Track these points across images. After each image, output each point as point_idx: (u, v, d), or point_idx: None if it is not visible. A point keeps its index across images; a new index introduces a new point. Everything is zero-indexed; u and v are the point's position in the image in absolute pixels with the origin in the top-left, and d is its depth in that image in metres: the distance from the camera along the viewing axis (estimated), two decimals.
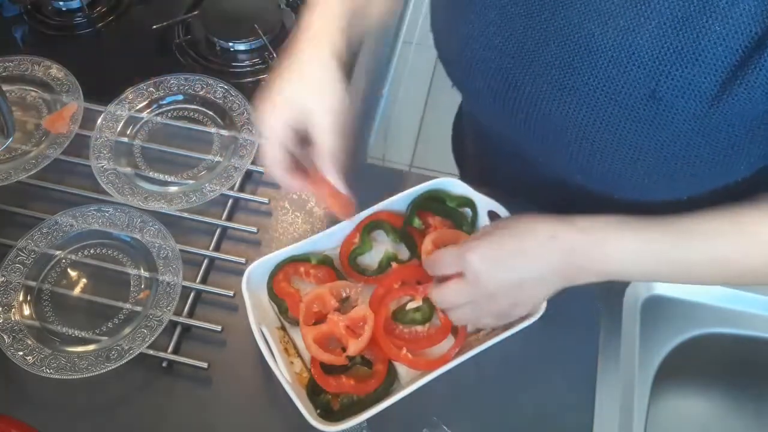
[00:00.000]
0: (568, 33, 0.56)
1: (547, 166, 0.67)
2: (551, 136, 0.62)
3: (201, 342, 0.77)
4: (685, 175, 0.58)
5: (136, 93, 0.92)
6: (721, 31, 0.49)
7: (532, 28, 0.58)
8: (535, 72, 0.60)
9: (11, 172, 0.85)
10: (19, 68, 0.94)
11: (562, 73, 0.58)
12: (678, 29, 0.51)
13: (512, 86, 0.62)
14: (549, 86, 0.59)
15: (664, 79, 0.53)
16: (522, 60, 0.60)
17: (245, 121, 0.89)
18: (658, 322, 0.80)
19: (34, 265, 0.79)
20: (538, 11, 0.58)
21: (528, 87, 0.61)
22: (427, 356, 0.71)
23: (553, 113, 0.60)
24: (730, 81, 0.51)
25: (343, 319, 0.71)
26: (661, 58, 0.52)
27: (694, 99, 0.52)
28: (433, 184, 0.79)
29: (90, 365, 0.72)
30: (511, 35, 0.60)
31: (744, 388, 0.89)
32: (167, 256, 0.79)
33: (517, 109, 0.63)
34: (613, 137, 0.57)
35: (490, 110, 0.66)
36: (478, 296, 0.61)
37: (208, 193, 0.84)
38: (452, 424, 0.72)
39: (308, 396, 0.69)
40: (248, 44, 1.00)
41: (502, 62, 0.62)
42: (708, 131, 0.54)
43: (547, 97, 0.60)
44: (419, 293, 0.73)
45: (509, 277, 0.60)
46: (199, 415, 0.73)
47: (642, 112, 0.55)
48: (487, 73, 0.63)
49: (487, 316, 0.64)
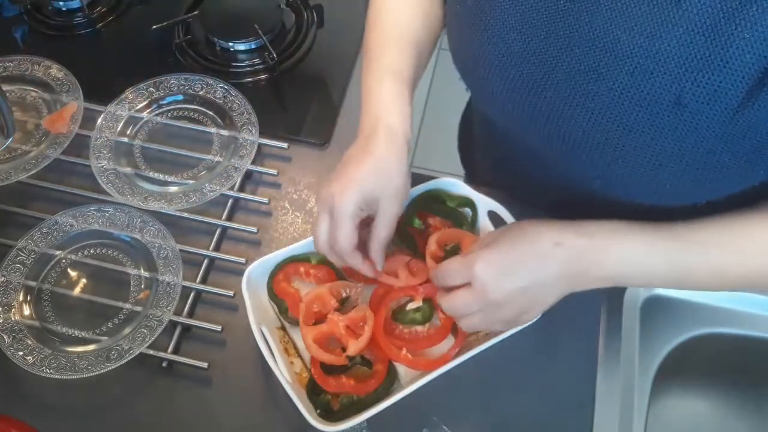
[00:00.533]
0: (594, 38, 0.56)
1: (562, 170, 0.67)
2: (572, 141, 0.61)
3: (201, 342, 0.77)
4: (706, 181, 0.58)
5: (136, 93, 0.92)
6: (750, 38, 0.49)
7: (554, 33, 0.58)
8: (558, 77, 0.59)
9: (11, 172, 0.85)
10: (19, 68, 0.94)
11: (586, 78, 0.57)
12: (706, 35, 0.50)
13: (533, 91, 0.62)
14: (572, 91, 0.59)
15: (690, 86, 0.52)
16: (544, 65, 0.60)
17: (245, 121, 0.89)
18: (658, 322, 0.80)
19: (34, 265, 0.79)
20: (561, 16, 0.57)
21: (550, 92, 0.60)
22: (427, 356, 0.71)
23: (575, 118, 0.60)
24: (756, 88, 0.50)
25: (343, 319, 0.71)
26: (688, 64, 0.52)
27: (719, 106, 0.52)
28: (433, 184, 0.79)
29: (90, 365, 0.72)
30: (532, 40, 0.60)
31: (744, 388, 0.89)
32: (167, 256, 0.79)
33: (537, 113, 0.63)
34: (636, 143, 0.57)
35: (509, 114, 0.66)
36: (487, 305, 0.61)
37: (208, 193, 0.84)
38: (452, 424, 0.72)
39: (308, 396, 0.69)
40: (248, 44, 1.00)
41: (522, 68, 0.61)
42: (732, 138, 0.54)
43: (569, 102, 0.59)
44: (419, 293, 0.73)
45: (516, 285, 0.60)
46: (199, 415, 0.73)
47: (666, 118, 0.54)
48: (507, 78, 0.63)
49: (497, 323, 0.64)
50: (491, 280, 0.59)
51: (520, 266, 0.60)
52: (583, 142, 0.61)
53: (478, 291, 0.60)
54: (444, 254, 0.75)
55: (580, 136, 0.60)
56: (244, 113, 0.90)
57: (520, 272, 0.60)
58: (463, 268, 0.61)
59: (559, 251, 0.59)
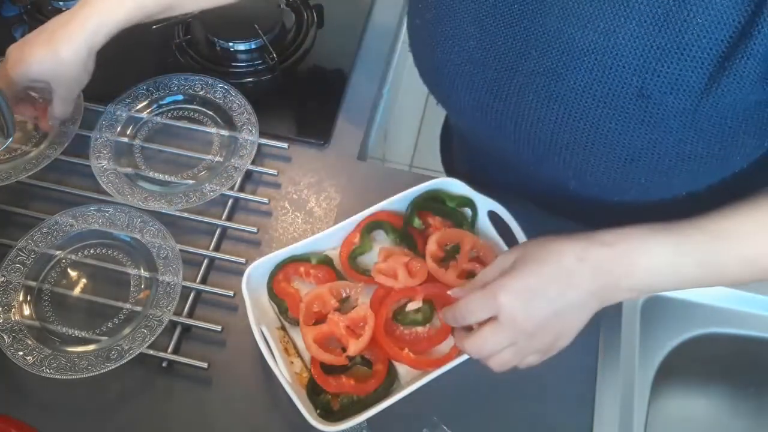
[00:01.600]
0: (549, 40, 0.56)
1: (538, 173, 0.66)
2: (542, 144, 0.61)
3: (201, 342, 0.77)
4: (681, 172, 0.58)
5: (136, 93, 0.92)
6: (704, 24, 0.49)
7: (512, 38, 0.58)
8: (520, 82, 0.59)
9: (11, 172, 0.85)
10: None
11: (546, 80, 0.57)
12: (660, 26, 0.50)
13: (498, 98, 0.61)
14: (535, 95, 0.59)
15: (651, 77, 0.52)
16: (505, 71, 0.60)
17: (245, 121, 0.89)
18: (658, 322, 0.80)
19: (34, 265, 0.79)
20: (516, 21, 0.57)
21: (514, 98, 0.60)
22: (428, 356, 0.71)
23: (542, 121, 0.59)
24: (717, 73, 0.50)
25: (343, 319, 0.71)
26: (646, 55, 0.52)
27: (683, 94, 0.52)
28: (433, 184, 0.79)
29: (90, 365, 0.72)
30: (491, 47, 0.59)
31: (744, 388, 0.89)
32: (167, 256, 0.79)
33: (504, 120, 0.62)
34: (606, 140, 0.57)
35: (478, 122, 0.65)
36: (518, 337, 0.57)
37: (208, 193, 0.84)
38: (452, 424, 0.72)
39: (308, 396, 0.69)
40: (248, 44, 1.00)
41: (485, 75, 0.61)
42: (700, 125, 0.54)
43: (534, 105, 0.59)
44: (419, 294, 0.73)
45: (547, 310, 0.56)
46: (199, 415, 0.73)
47: (632, 111, 0.54)
48: (471, 88, 0.62)
49: (531, 356, 0.60)
50: (520, 310, 0.56)
51: (548, 289, 0.56)
52: (552, 144, 0.60)
53: (507, 324, 0.56)
54: (444, 254, 0.75)
55: (548, 138, 0.60)
56: (244, 113, 0.90)
57: (550, 296, 0.56)
58: (486, 301, 0.57)
59: (586, 267, 0.56)
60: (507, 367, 0.60)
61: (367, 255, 0.78)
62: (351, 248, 0.77)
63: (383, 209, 0.78)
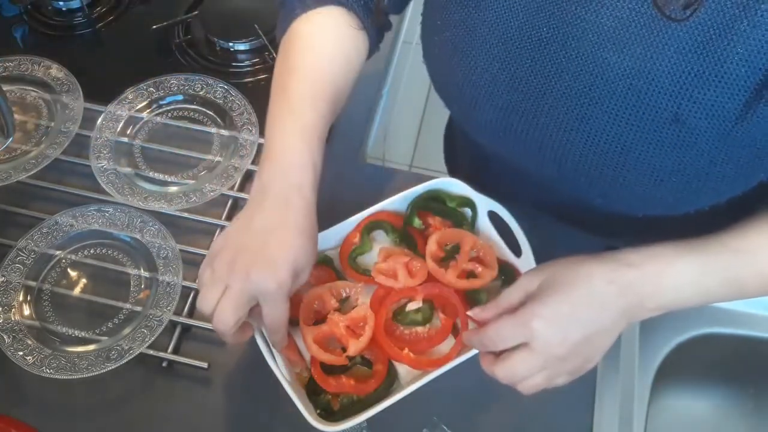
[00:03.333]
0: (583, 63, 0.55)
1: (558, 189, 0.66)
2: (568, 164, 0.60)
3: (201, 342, 0.77)
4: (708, 191, 0.58)
5: (136, 93, 0.92)
6: (744, 53, 0.49)
7: (540, 62, 0.58)
8: (549, 104, 0.59)
9: (11, 172, 0.85)
10: (19, 68, 0.94)
11: (579, 103, 0.57)
12: (699, 53, 0.50)
13: (524, 119, 0.61)
14: (565, 116, 0.58)
15: (686, 103, 0.52)
16: (533, 93, 0.59)
17: (245, 121, 0.89)
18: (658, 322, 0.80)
19: (34, 265, 0.79)
20: (546, 45, 0.57)
21: (542, 118, 0.60)
22: (428, 356, 0.71)
23: (571, 142, 0.59)
24: (754, 100, 0.50)
25: (343, 319, 0.71)
26: (683, 82, 0.51)
27: (717, 119, 0.52)
28: (433, 184, 0.79)
29: (90, 365, 0.72)
30: (518, 70, 0.59)
31: (744, 388, 0.89)
32: (167, 256, 0.79)
33: (530, 140, 0.62)
34: (636, 161, 0.56)
35: (499, 141, 0.65)
36: (550, 363, 0.56)
37: (208, 193, 0.84)
38: (452, 424, 0.72)
39: (308, 396, 0.69)
40: (248, 44, 1.00)
41: (510, 97, 0.60)
42: (732, 148, 0.54)
43: (563, 126, 0.59)
44: (419, 294, 0.73)
45: (580, 335, 0.56)
46: (199, 415, 0.73)
47: (665, 135, 0.54)
48: (495, 107, 0.62)
49: (560, 378, 0.59)
50: (554, 337, 0.55)
51: (581, 315, 0.56)
52: (580, 165, 0.60)
53: (541, 350, 0.55)
54: (444, 254, 0.75)
55: (576, 159, 0.59)
56: (244, 113, 0.90)
57: (582, 321, 0.56)
58: (518, 328, 0.56)
59: (614, 289, 0.56)
60: (537, 390, 0.59)
61: (367, 255, 0.78)
62: (351, 248, 0.77)
63: (383, 209, 0.78)
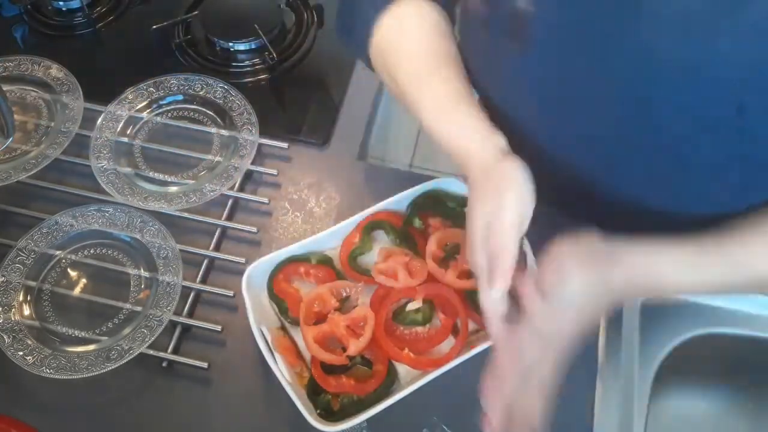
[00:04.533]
0: (641, 53, 0.53)
1: (601, 185, 0.66)
2: (624, 158, 0.61)
3: (201, 342, 0.77)
4: (765, 185, 0.58)
5: (136, 93, 0.92)
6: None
7: (598, 53, 0.56)
8: (605, 96, 0.58)
9: (11, 172, 0.85)
10: (19, 68, 0.94)
11: (637, 95, 0.56)
12: (763, 39, 0.48)
13: (577, 112, 0.60)
14: (623, 110, 0.57)
15: (751, 92, 0.51)
16: (589, 87, 0.58)
17: (245, 121, 0.89)
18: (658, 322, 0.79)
19: (34, 265, 0.79)
20: (604, 36, 0.55)
21: (598, 111, 0.59)
22: (428, 356, 0.71)
23: (628, 137, 0.59)
24: None
25: (343, 318, 0.71)
26: (747, 70, 0.50)
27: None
28: (433, 184, 0.79)
29: (90, 365, 0.72)
30: (575, 62, 0.58)
31: (744, 388, 0.89)
32: (167, 256, 0.79)
33: (584, 134, 0.62)
34: (696, 155, 0.56)
35: (546, 133, 0.65)
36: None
37: (208, 193, 0.84)
38: (452, 424, 0.72)
39: (308, 396, 0.69)
40: (248, 44, 1.00)
41: (563, 90, 0.60)
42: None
43: (621, 121, 0.58)
44: (419, 294, 0.73)
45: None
46: (199, 415, 0.73)
47: (727, 127, 0.53)
48: (548, 100, 0.62)
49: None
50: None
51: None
52: (635, 161, 0.60)
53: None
54: (444, 254, 0.75)
55: (632, 154, 0.59)
56: (244, 113, 0.90)
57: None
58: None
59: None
60: None
61: (367, 255, 0.78)
62: (351, 248, 0.77)
63: (383, 209, 0.78)
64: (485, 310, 0.59)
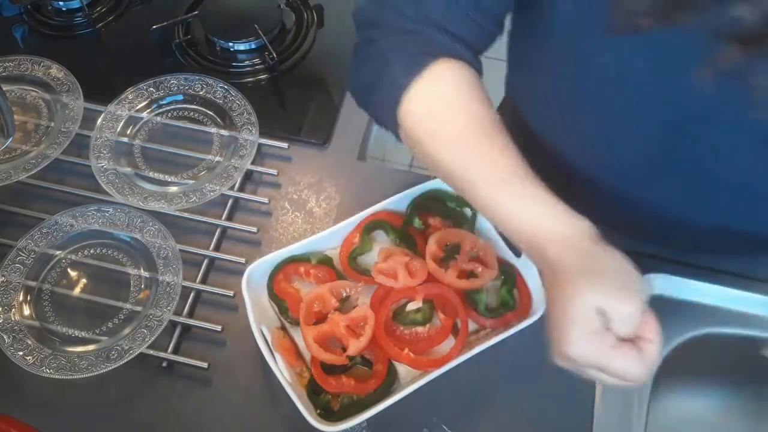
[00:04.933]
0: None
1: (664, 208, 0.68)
2: (702, 191, 0.64)
3: (201, 342, 0.77)
4: None
5: (136, 93, 0.92)
6: None
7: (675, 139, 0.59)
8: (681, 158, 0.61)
9: (11, 172, 0.85)
10: (19, 68, 0.94)
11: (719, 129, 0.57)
12: None
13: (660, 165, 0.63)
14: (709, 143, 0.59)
15: None
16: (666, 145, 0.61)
17: (245, 121, 0.89)
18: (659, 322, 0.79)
19: (34, 265, 0.79)
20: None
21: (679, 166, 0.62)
22: (428, 356, 0.71)
23: (714, 168, 0.61)
24: None
25: (343, 318, 0.71)
26: None
27: None
28: (433, 184, 0.79)
29: (90, 365, 0.72)
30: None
31: (744, 388, 0.89)
32: (167, 256, 0.79)
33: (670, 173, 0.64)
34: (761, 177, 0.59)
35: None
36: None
37: (208, 193, 0.84)
38: (452, 424, 0.72)
39: (308, 396, 0.69)
40: (248, 44, 1.00)
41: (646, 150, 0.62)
42: None
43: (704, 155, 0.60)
44: (419, 294, 0.73)
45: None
46: (199, 415, 0.73)
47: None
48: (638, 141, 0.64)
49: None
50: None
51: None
52: (713, 186, 0.63)
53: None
54: (444, 254, 0.75)
55: (710, 184, 0.63)
56: (244, 113, 0.90)
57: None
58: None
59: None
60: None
61: (367, 255, 0.78)
62: (351, 248, 0.77)
63: (383, 209, 0.78)
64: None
